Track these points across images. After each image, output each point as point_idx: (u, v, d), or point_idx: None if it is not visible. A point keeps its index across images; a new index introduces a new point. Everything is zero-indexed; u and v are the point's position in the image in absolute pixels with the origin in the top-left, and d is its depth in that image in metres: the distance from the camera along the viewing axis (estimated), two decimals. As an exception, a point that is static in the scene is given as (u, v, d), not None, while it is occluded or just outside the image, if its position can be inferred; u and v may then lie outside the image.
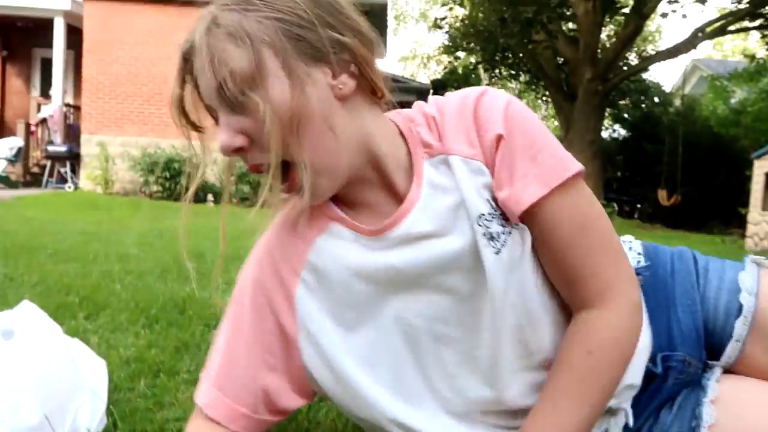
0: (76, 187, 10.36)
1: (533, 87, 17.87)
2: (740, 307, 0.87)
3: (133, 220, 6.07)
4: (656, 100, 16.74)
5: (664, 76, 47.72)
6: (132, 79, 10.71)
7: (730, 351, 0.87)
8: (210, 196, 11.05)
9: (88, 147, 10.61)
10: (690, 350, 0.87)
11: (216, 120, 0.74)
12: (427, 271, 0.76)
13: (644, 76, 16.09)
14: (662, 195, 11.28)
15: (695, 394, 0.86)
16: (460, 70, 17.82)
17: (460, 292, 0.77)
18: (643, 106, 16.51)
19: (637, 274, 0.93)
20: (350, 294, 0.79)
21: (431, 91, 17.61)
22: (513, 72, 16.69)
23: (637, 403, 0.88)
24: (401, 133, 0.79)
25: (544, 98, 18.87)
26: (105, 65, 10.68)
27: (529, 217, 0.75)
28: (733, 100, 13.25)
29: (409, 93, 17.73)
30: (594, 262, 0.76)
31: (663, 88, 17.53)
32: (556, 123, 16.55)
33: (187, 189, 0.79)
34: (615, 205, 13.43)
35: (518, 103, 0.77)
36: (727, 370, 0.89)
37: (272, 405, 0.82)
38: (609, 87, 12.53)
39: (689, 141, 12.04)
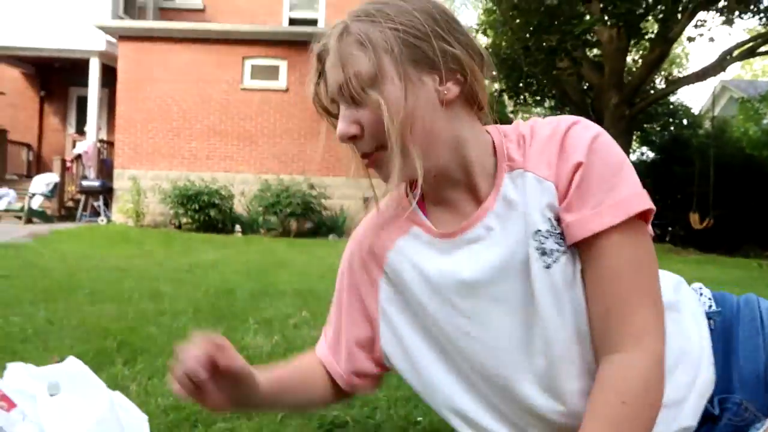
0: (109, 220, 10.62)
1: (558, 112, 17.83)
2: None
3: (164, 253, 6.18)
4: (685, 122, 16.55)
5: (693, 97, 47.21)
6: (163, 114, 11.04)
7: None
8: (238, 227, 11.22)
9: (120, 181, 10.91)
10: (748, 395, 0.87)
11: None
12: (484, 276, 0.84)
13: (672, 98, 15.95)
14: (694, 218, 11.07)
15: None
16: (484, 97, 17.85)
17: (511, 303, 0.84)
18: (672, 128, 16.33)
19: (709, 318, 0.94)
20: (418, 295, 0.90)
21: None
22: (538, 98, 16.69)
23: None
24: (494, 145, 0.88)
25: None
26: (137, 102, 11.05)
27: (590, 244, 0.79)
28: (765, 121, 13.02)
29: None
30: (636, 303, 0.78)
31: (692, 111, 17.33)
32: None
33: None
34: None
35: (606, 137, 0.82)
36: None
37: (360, 372, 0.99)
38: (636, 111, 12.45)
39: (720, 163, 11.83)
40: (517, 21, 12.16)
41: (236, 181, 11.95)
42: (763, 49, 11.73)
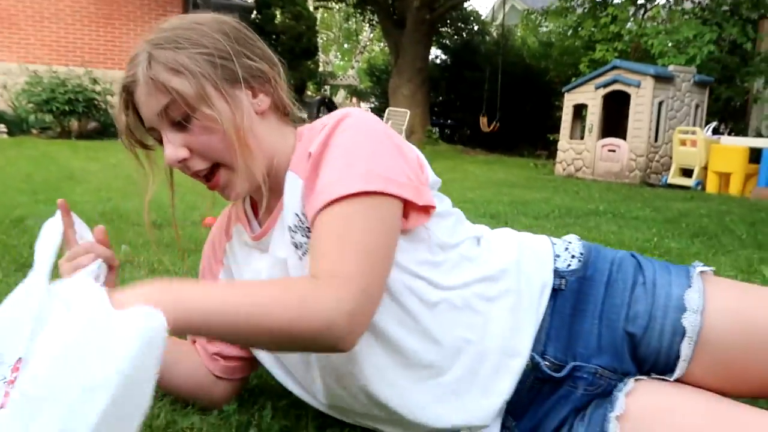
0: None
1: (359, 12, 17.65)
2: (685, 329, 0.89)
3: None
4: (476, 28, 17.52)
5: (482, 4, 49.80)
6: None
7: (679, 371, 0.90)
8: (2, 126, 9.53)
9: None
10: (605, 363, 0.91)
11: (157, 139, 0.91)
12: (272, 275, 0.94)
13: (465, 4, 16.67)
14: (483, 122, 12.04)
15: (604, 407, 0.89)
16: (285, -11, 16.91)
17: None
18: (464, 34, 17.20)
19: (561, 276, 0.96)
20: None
21: (254, 10, 16.60)
22: (340, -6, 16.29)
23: (545, 406, 0.92)
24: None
25: (371, 22, 18.74)
26: None
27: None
28: (543, 29, 14.30)
29: (230, 11, 16.56)
30: (345, 250, 0.78)
31: (481, 17, 18.36)
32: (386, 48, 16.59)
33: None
34: (437, 129, 14.11)
35: (347, 122, 0.86)
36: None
37: (224, 354, 1.08)
38: (436, 15, 12.80)
39: (504, 71, 12.88)
40: None
41: (-5, 72, 10.03)
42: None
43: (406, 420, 0.91)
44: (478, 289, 0.93)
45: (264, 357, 1.05)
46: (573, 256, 0.98)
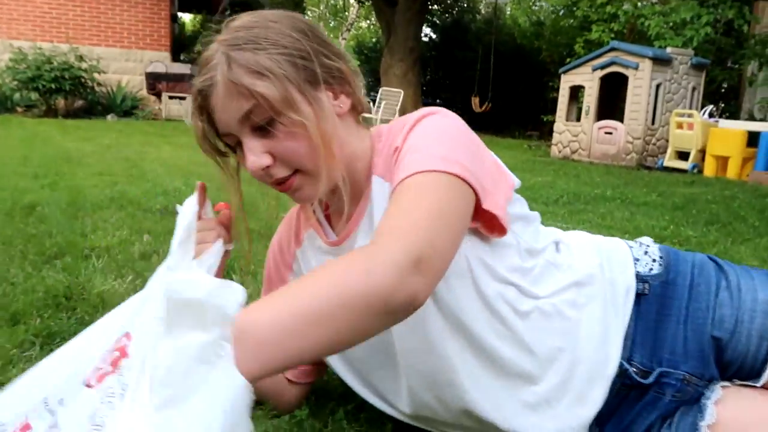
0: None
1: (350, -13, 17.34)
2: None
3: None
4: (465, 5, 17.35)
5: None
6: None
7: (767, 375, 0.89)
8: None
9: None
10: (692, 369, 0.90)
11: (229, 146, 0.87)
12: None
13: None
14: (475, 102, 11.98)
15: (692, 414, 0.88)
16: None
17: None
18: (454, 12, 17.04)
19: (644, 281, 0.95)
20: None
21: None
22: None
23: (631, 413, 0.91)
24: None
25: (363, 0, 18.46)
26: None
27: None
28: (535, 6, 14.21)
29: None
30: (412, 209, 0.72)
31: (471, -6, 18.17)
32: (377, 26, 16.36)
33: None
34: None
35: (429, 119, 0.84)
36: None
37: None
38: (429, -6, 12.62)
39: (496, 50, 12.80)
40: None
41: (-23, 48, 9.76)
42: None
43: (499, 429, 0.90)
44: (567, 296, 0.92)
45: (341, 369, 1.03)
46: (654, 260, 0.97)
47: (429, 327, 0.87)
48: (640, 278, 0.95)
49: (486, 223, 0.85)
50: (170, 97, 10.68)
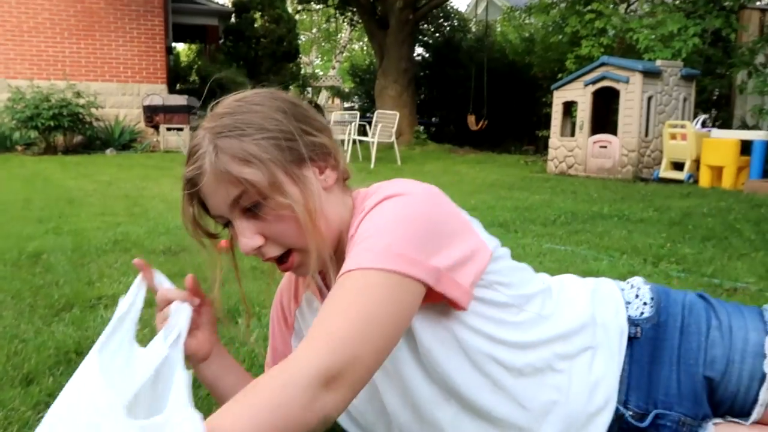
0: None
1: (340, 12, 17.58)
2: (764, 375, 0.91)
3: None
4: (456, 23, 17.54)
5: (459, 0, 49.41)
6: None
7: (756, 415, 0.92)
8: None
9: None
10: (687, 410, 0.92)
11: (222, 224, 0.91)
12: None
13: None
14: (471, 120, 12.07)
15: None
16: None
17: None
18: (445, 31, 17.22)
19: (636, 324, 0.97)
20: None
21: (233, 14, 16.44)
22: (321, -5, 16.21)
23: None
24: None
25: (353, 22, 18.67)
26: None
27: None
28: (525, 22, 14.32)
29: (209, 16, 16.38)
30: (336, 315, 0.74)
31: (461, 12, 18.39)
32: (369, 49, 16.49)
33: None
34: (423, 128, 14.12)
35: (391, 202, 0.83)
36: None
37: None
38: (420, 15, 12.79)
39: (488, 67, 12.93)
40: None
41: (-25, 89, 9.87)
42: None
43: None
44: (557, 348, 0.92)
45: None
46: (645, 303, 0.99)
47: (419, 395, 0.89)
48: (632, 322, 0.97)
49: (450, 301, 0.84)
50: (168, 129, 10.77)
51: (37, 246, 2.96)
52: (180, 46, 20.19)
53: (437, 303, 0.84)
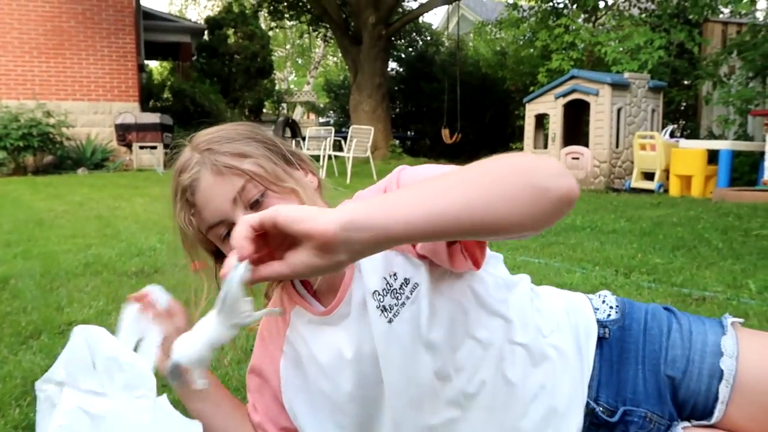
0: None
1: (314, 28, 17.66)
2: (722, 372, 0.95)
3: None
4: (429, 38, 17.75)
5: (431, 15, 50.27)
6: None
7: (718, 413, 0.95)
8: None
9: None
10: (652, 407, 0.96)
11: (216, 242, 0.91)
12: (357, 342, 0.91)
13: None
14: (445, 134, 12.19)
15: None
16: (236, 8, 16.79)
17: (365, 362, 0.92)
18: (418, 46, 17.40)
19: (604, 326, 1.02)
20: (313, 368, 0.97)
21: (206, 31, 16.40)
22: (293, 13, 16.26)
23: None
24: None
25: (326, 38, 18.76)
26: None
27: None
28: (496, 36, 14.54)
29: (182, 33, 16.30)
30: None
31: (433, 27, 18.62)
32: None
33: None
34: (398, 142, 14.21)
35: (408, 170, 0.89)
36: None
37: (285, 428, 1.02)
38: (392, 31, 12.90)
39: (462, 81, 13.08)
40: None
41: (-58, 111, 9.68)
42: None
43: None
44: (550, 339, 0.98)
45: None
46: (611, 307, 1.04)
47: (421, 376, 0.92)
48: (600, 324, 1.02)
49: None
50: (141, 147, 10.66)
51: (5, 271, 2.89)
52: (153, 64, 20.05)
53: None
